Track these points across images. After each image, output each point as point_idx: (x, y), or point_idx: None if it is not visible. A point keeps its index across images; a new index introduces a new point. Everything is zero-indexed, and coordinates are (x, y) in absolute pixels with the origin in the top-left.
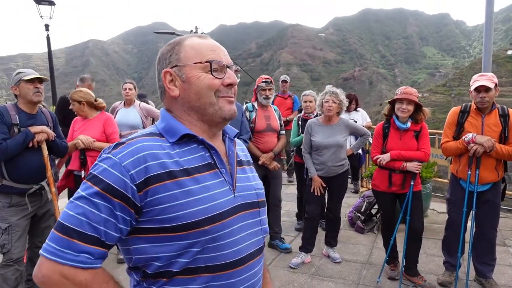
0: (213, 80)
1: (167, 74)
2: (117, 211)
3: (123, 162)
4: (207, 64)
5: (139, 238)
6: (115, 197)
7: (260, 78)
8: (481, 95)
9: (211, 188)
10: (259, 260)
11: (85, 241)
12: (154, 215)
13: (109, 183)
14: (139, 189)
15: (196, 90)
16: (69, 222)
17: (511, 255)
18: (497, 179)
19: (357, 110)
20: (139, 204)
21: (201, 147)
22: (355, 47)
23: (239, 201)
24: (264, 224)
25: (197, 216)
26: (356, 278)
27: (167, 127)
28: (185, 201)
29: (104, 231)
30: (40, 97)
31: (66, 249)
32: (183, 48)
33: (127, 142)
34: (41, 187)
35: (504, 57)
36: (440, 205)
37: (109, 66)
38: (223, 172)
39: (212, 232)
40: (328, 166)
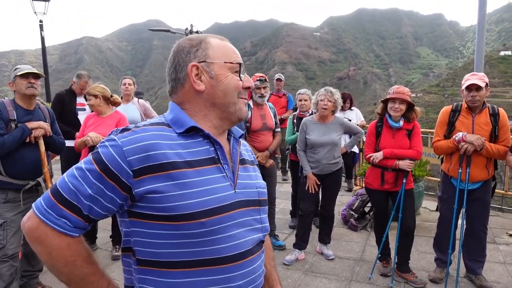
0: (238, 81)
1: (194, 67)
2: (108, 191)
3: (125, 147)
4: (236, 66)
5: (138, 222)
6: (109, 179)
7: (255, 76)
8: (472, 94)
9: (212, 181)
10: (259, 255)
11: (67, 208)
12: (153, 202)
13: (106, 164)
14: (135, 175)
15: (223, 88)
16: (61, 187)
17: (501, 252)
18: (487, 178)
19: (351, 109)
20: (134, 189)
21: (206, 141)
22: (350, 46)
23: (240, 197)
24: (265, 222)
25: (194, 208)
26: (349, 274)
27: (175, 118)
28: (183, 192)
29: (89, 205)
30: (33, 91)
31: (50, 210)
32: (210, 46)
33: (133, 129)
34: (37, 183)
35: (497, 58)
36: (432, 204)
37: (103, 63)
38: (225, 168)
39: (209, 225)
40: (323, 164)
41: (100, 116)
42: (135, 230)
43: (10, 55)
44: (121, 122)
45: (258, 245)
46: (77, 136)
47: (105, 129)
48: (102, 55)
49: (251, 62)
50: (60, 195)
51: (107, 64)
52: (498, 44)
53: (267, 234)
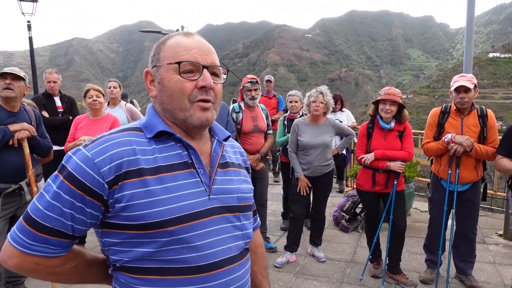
0: (183, 83)
1: (148, 74)
2: (88, 208)
3: (96, 159)
4: (176, 66)
5: (107, 233)
6: (88, 195)
7: (246, 78)
8: (461, 96)
9: (182, 188)
10: (241, 265)
11: (49, 234)
12: (119, 211)
13: (82, 182)
14: (110, 186)
15: (168, 93)
16: (36, 215)
17: (490, 252)
18: (476, 179)
19: (342, 111)
20: (109, 200)
21: (179, 145)
22: (342, 48)
23: (215, 203)
24: (247, 229)
25: (162, 216)
26: (340, 276)
27: (147, 122)
28: (151, 200)
29: (71, 225)
30: (9, 92)
31: (33, 241)
32: (163, 48)
33: (103, 138)
34: (20, 187)
35: (486, 60)
36: (423, 204)
37: (93, 65)
38: (200, 173)
39: (178, 233)
40: (315, 166)
41: (92, 118)
42: (107, 240)
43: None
44: (115, 125)
45: (240, 253)
46: (68, 140)
47: (99, 131)
48: (93, 57)
49: (243, 64)
50: (36, 223)
51: (98, 65)
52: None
53: (249, 241)
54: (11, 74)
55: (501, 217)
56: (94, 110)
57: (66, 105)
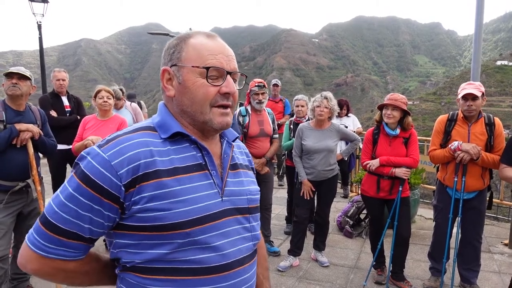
0: (208, 87)
1: (165, 72)
2: (106, 211)
3: (113, 161)
4: (204, 70)
5: (121, 234)
6: (105, 198)
7: (253, 82)
8: (468, 103)
9: (198, 189)
10: (250, 266)
11: (67, 237)
12: (136, 212)
13: (100, 184)
14: (127, 189)
15: (190, 95)
16: (54, 218)
17: (495, 262)
18: (482, 187)
19: (348, 116)
20: (126, 203)
21: (193, 146)
22: (348, 53)
23: (227, 205)
24: (255, 230)
25: (179, 218)
26: (343, 282)
27: (161, 121)
28: (169, 201)
29: (89, 228)
30: (14, 91)
31: (51, 244)
32: (186, 47)
33: (118, 138)
34: (27, 185)
35: (494, 68)
36: (428, 212)
37: (101, 65)
38: (213, 175)
39: (194, 235)
40: (318, 170)
41: (100, 119)
42: (119, 242)
43: (8, 55)
44: (122, 126)
45: (250, 255)
46: (75, 139)
47: (106, 132)
48: (101, 58)
49: (250, 67)
50: (54, 225)
51: (106, 66)
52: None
53: (258, 242)
54: (17, 74)
55: (506, 226)
56: (103, 111)
57: (73, 104)
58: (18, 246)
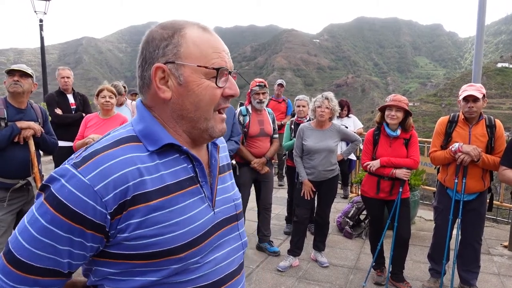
0: (215, 90)
1: (159, 70)
2: (88, 242)
3: (96, 186)
4: (212, 71)
5: (104, 262)
6: (88, 229)
7: (254, 81)
8: (469, 105)
9: (190, 208)
10: (241, 278)
11: (45, 276)
12: (122, 240)
13: (79, 213)
14: (113, 216)
15: (194, 99)
16: (24, 256)
17: (495, 264)
18: (483, 189)
19: (349, 116)
20: (111, 231)
21: (183, 157)
22: (349, 54)
23: (219, 217)
24: (244, 237)
25: (172, 243)
26: (343, 282)
27: (146, 131)
28: (162, 226)
29: (68, 262)
30: (16, 88)
31: (23, 285)
32: (184, 42)
33: (98, 155)
34: (27, 182)
35: (494, 70)
36: (428, 213)
37: (102, 64)
38: (203, 187)
39: (189, 258)
40: (319, 170)
41: (102, 118)
42: (101, 270)
43: (9, 53)
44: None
45: (240, 264)
46: (77, 137)
47: (108, 131)
48: (102, 56)
49: (251, 67)
50: (24, 264)
51: (106, 65)
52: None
53: (246, 249)
54: (19, 71)
55: (506, 228)
56: (105, 110)
57: (78, 102)
58: None
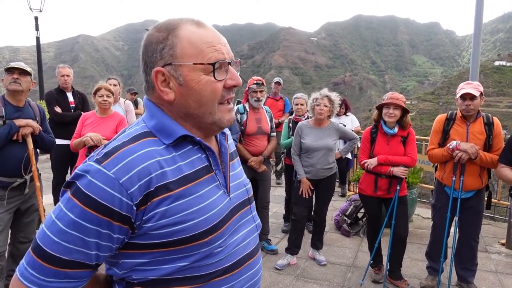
0: (215, 84)
1: (159, 74)
2: (115, 234)
3: (121, 179)
4: (209, 67)
5: (130, 254)
6: (115, 221)
7: (252, 79)
8: (467, 103)
9: (209, 195)
10: (258, 258)
11: (74, 268)
12: (148, 230)
13: (107, 206)
14: (138, 207)
15: (196, 96)
16: (54, 249)
17: (493, 261)
18: (481, 187)
19: (347, 115)
20: (137, 222)
21: (196, 148)
22: (347, 52)
23: (234, 202)
24: (257, 219)
25: (198, 228)
26: (340, 280)
27: (159, 125)
28: (185, 213)
29: (96, 254)
30: (16, 86)
31: (53, 278)
32: (179, 42)
33: (120, 151)
34: (25, 181)
35: (492, 68)
36: (425, 211)
37: (98, 62)
38: (217, 175)
39: (212, 242)
40: (317, 168)
41: (99, 116)
42: (128, 262)
43: (4, 51)
44: (122, 124)
45: (257, 245)
46: (74, 136)
47: (105, 129)
48: (98, 54)
49: (248, 66)
50: (55, 258)
51: (103, 63)
52: (493, 54)
53: (260, 231)
54: (18, 69)
55: (503, 226)
56: (102, 109)
57: (78, 100)
58: (15, 243)
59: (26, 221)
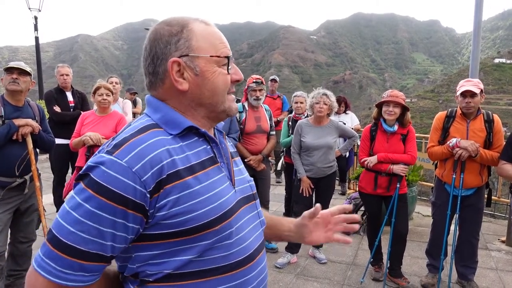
0: (226, 76)
1: (175, 64)
2: (130, 223)
3: (134, 167)
4: (223, 59)
5: (143, 246)
6: (130, 209)
7: (251, 78)
8: (467, 100)
9: (216, 185)
10: (264, 254)
11: (90, 260)
12: (160, 219)
13: (121, 194)
14: (151, 195)
15: (211, 86)
16: (70, 239)
17: (493, 259)
18: (481, 184)
19: (347, 113)
20: (150, 210)
21: (201, 140)
22: (346, 50)
23: (239, 195)
24: (262, 216)
25: (209, 216)
26: (341, 278)
27: (165, 118)
28: (196, 201)
29: (112, 245)
30: (15, 86)
31: (67, 269)
32: (194, 35)
33: (130, 141)
34: (24, 181)
35: (491, 65)
36: (425, 209)
37: (98, 61)
38: (223, 167)
39: (223, 231)
40: (317, 167)
41: (98, 115)
42: (139, 255)
43: (3, 51)
44: (121, 122)
45: (262, 241)
46: (73, 135)
47: (105, 128)
48: (98, 54)
49: (248, 64)
50: (72, 248)
51: (102, 62)
52: (492, 52)
53: (265, 227)
54: (17, 69)
55: (504, 223)
56: (102, 108)
57: (77, 100)
58: (15, 243)
59: (25, 221)
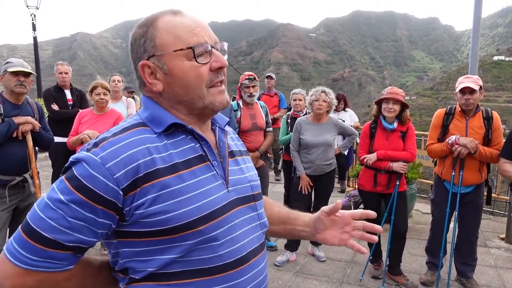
0: (199, 68)
1: (145, 67)
2: (100, 218)
3: (107, 164)
4: (190, 51)
5: (127, 242)
6: (99, 205)
7: (244, 75)
8: (466, 97)
9: (204, 183)
10: (263, 256)
11: (54, 248)
12: (139, 218)
13: (93, 190)
14: (125, 193)
15: (182, 83)
16: (39, 226)
17: (492, 256)
18: (480, 181)
19: (346, 110)
20: (125, 208)
21: (189, 137)
22: (345, 48)
23: (233, 196)
24: (263, 218)
25: (190, 216)
26: (340, 276)
27: (151, 115)
28: (175, 201)
29: (80, 238)
30: (22, 89)
31: (31, 255)
32: (157, 32)
33: (108, 140)
34: (23, 179)
35: (490, 63)
36: (425, 206)
37: (97, 60)
38: (215, 165)
39: (207, 232)
40: (317, 164)
41: (96, 113)
42: (124, 251)
43: (2, 49)
44: (119, 120)
45: (261, 244)
46: (71, 134)
47: (103, 127)
48: (97, 52)
49: (247, 62)
50: (39, 235)
51: (101, 60)
52: (491, 49)
53: (266, 230)
54: (22, 72)
55: (503, 221)
56: (99, 106)
57: (76, 98)
58: None
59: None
